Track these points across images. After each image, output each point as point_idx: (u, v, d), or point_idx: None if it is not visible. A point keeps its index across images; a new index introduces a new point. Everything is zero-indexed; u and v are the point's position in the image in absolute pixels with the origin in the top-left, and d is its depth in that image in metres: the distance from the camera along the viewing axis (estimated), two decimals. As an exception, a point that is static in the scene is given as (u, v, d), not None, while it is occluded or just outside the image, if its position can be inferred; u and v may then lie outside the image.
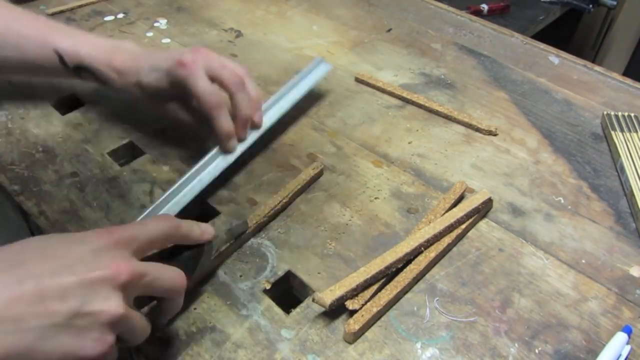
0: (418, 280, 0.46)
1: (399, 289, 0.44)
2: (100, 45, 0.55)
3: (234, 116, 0.52)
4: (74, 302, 0.31)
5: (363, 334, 0.42)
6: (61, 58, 0.54)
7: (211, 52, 0.52)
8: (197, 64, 0.50)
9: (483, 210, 0.51)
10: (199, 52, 0.51)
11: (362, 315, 0.42)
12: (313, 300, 0.42)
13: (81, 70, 0.55)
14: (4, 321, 0.29)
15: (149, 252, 0.38)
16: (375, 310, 0.42)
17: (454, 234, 0.48)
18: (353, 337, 0.41)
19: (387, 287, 0.44)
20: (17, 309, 0.29)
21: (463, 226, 0.49)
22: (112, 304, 0.32)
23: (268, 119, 0.57)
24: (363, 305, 0.42)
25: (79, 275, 0.31)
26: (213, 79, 0.51)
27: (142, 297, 0.37)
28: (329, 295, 0.41)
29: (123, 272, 0.33)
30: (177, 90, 0.52)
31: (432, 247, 0.47)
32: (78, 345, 0.31)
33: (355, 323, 0.41)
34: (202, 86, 0.49)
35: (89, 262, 0.32)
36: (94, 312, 0.31)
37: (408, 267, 0.45)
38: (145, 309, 0.40)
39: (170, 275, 0.37)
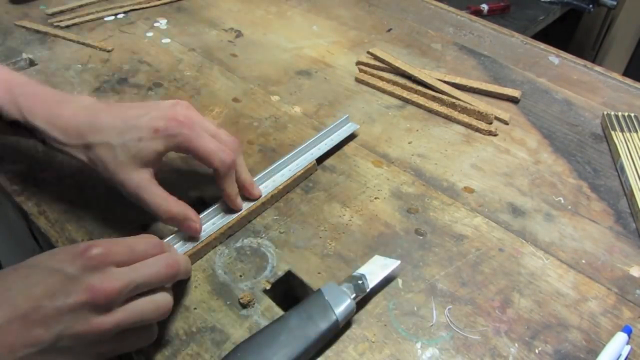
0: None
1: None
2: (47, 96, 0.47)
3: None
4: (57, 328, 0.32)
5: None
6: None
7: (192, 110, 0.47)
8: (194, 120, 0.45)
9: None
10: (182, 106, 0.46)
11: None
12: None
13: (17, 126, 0.47)
14: None
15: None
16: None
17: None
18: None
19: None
20: (6, 338, 0.31)
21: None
22: (95, 322, 0.33)
23: (281, 176, 0.54)
24: None
25: (58, 302, 0.32)
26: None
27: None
28: None
29: (99, 293, 0.33)
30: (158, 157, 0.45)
31: None
32: None
33: None
34: (211, 145, 0.45)
35: (65, 289, 0.33)
36: (79, 333, 0.33)
37: None
38: None
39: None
